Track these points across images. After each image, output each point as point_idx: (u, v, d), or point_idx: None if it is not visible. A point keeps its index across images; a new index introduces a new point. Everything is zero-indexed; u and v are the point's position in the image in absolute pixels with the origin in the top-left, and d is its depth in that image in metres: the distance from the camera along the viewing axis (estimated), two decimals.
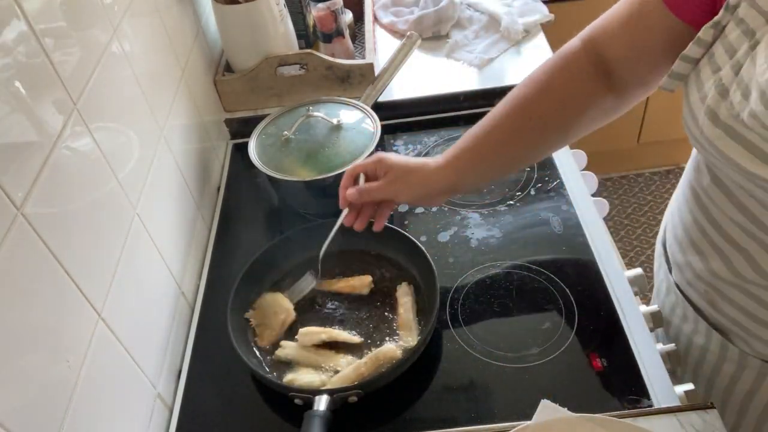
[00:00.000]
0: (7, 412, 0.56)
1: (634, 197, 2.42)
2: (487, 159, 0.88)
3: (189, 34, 1.20)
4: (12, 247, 0.59)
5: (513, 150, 0.88)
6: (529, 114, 0.84)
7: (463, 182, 0.89)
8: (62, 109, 0.71)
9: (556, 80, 0.84)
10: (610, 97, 0.83)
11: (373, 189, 0.89)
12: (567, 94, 0.84)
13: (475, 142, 0.87)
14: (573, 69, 0.83)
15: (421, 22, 1.45)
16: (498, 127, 0.86)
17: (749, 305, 0.76)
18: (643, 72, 0.80)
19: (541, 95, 0.84)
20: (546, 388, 0.82)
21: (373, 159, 0.91)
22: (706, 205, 0.77)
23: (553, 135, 0.88)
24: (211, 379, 0.91)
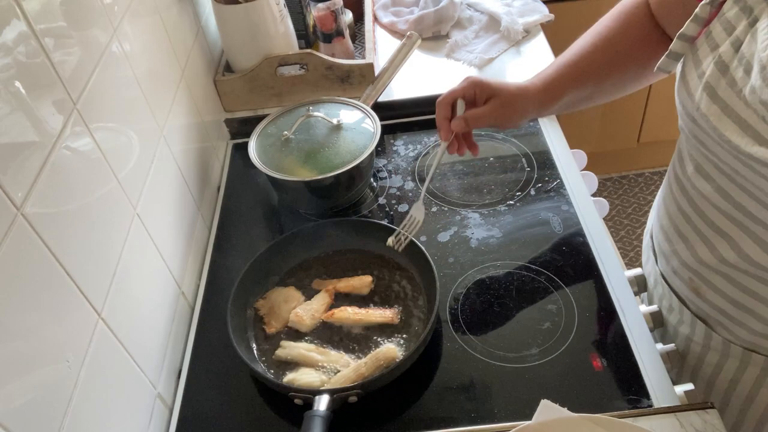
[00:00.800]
0: (7, 412, 0.56)
1: (634, 197, 2.42)
2: (577, 86, 0.90)
3: (189, 34, 1.20)
4: (12, 247, 0.59)
5: (596, 84, 0.90)
6: (613, 50, 0.87)
7: (553, 108, 0.92)
8: (62, 109, 0.71)
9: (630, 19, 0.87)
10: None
11: (481, 115, 0.88)
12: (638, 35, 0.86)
13: (568, 68, 0.89)
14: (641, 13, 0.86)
15: (421, 22, 1.45)
16: (585, 58, 0.88)
17: (733, 292, 0.77)
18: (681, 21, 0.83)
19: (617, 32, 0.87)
20: (546, 388, 0.82)
21: (469, 83, 0.88)
22: (690, 193, 0.78)
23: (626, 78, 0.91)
24: (211, 379, 0.91)
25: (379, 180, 1.17)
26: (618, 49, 0.88)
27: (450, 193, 1.12)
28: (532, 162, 1.15)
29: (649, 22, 0.86)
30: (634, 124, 2.29)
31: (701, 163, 0.74)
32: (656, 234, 0.92)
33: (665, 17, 0.84)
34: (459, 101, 0.89)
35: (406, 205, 1.11)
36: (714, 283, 0.79)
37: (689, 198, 0.79)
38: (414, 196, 1.13)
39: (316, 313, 0.92)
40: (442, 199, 1.11)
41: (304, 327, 0.91)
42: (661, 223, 0.88)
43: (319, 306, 0.93)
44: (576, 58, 0.89)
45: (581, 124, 2.28)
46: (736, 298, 0.78)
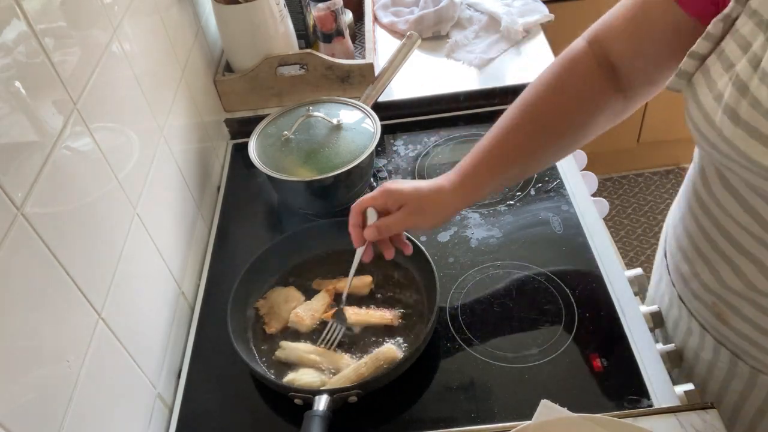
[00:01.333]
0: (7, 412, 0.56)
1: (634, 197, 2.42)
2: (501, 171, 0.85)
3: (189, 34, 1.20)
4: (12, 247, 0.59)
5: (527, 159, 0.85)
6: (540, 121, 0.83)
7: (479, 197, 0.88)
8: (62, 109, 0.71)
9: (565, 84, 0.82)
10: (620, 98, 0.82)
11: (392, 224, 0.86)
12: (577, 98, 0.82)
13: (488, 154, 0.84)
14: (581, 71, 0.81)
15: (421, 22, 1.45)
16: (510, 138, 0.83)
17: (761, 319, 0.73)
18: (649, 69, 0.79)
19: (550, 101, 0.82)
20: (546, 388, 0.82)
21: (379, 192, 0.86)
22: (714, 213, 0.74)
23: (566, 140, 0.85)
24: (211, 379, 0.91)
25: (379, 180, 1.17)
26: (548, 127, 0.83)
27: None
28: None
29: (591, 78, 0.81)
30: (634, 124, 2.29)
31: (732, 182, 0.70)
32: (673, 254, 0.87)
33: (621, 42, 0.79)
34: (369, 210, 0.87)
35: None
36: (739, 309, 0.75)
37: (713, 217, 0.74)
38: None
39: (316, 313, 0.92)
40: None
41: (304, 327, 0.91)
42: (679, 244, 0.84)
43: (319, 306, 0.93)
44: (494, 142, 0.84)
45: None
46: (763, 325, 0.73)
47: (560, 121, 0.83)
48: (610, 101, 0.82)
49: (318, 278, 0.99)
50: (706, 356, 0.85)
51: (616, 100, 0.82)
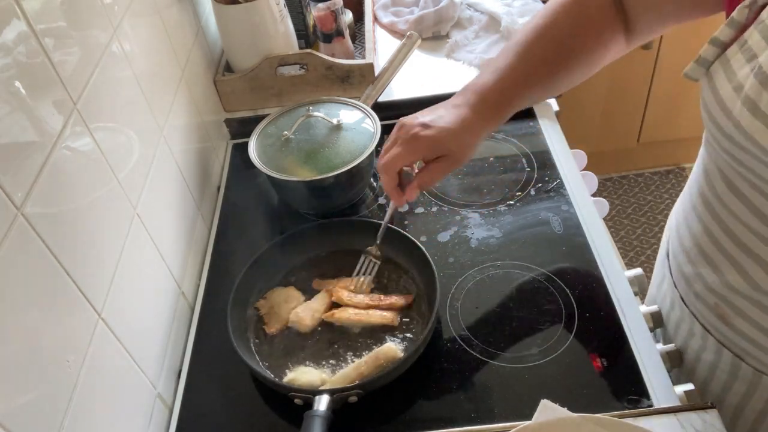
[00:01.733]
0: (7, 412, 0.56)
1: (634, 197, 2.42)
2: (526, 89, 0.84)
3: (189, 34, 1.20)
4: (12, 247, 0.59)
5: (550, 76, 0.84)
6: (560, 39, 0.82)
7: (505, 119, 0.85)
8: (62, 109, 0.71)
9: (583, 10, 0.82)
10: (623, 37, 0.83)
11: (436, 177, 0.84)
12: (592, 24, 0.82)
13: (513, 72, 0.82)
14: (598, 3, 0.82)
15: (421, 22, 1.45)
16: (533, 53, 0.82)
17: (765, 320, 0.73)
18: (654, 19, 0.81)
19: (567, 23, 0.82)
20: (546, 388, 0.82)
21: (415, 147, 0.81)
22: (719, 214, 0.74)
23: (579, 65, 0.85)
24: (211, 379, 0.91)
25: (379, 180, 1.17)
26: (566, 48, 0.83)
27: (450, 193, 1.12)
28: (532, 162, 1.15)
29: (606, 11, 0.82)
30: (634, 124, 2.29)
31: (734, 181, 0.69)
32: (676, 255, 0.87)
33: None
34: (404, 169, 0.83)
35: (406, 204, 1.11)
36: (743, 310, 0.75)
37: (717, 218, 0.74)
38: None
39: (316, 313, 0.92)
40: (442, 199, 1.11)
41: (304, 327, 0.91)
42: (682, 245, 0.84)
43: (319, 306, 0.93)
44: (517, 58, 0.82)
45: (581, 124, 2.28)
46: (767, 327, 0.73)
47: (574, 46, 0.83)
48: (615, 38, 0.83)
49: (318, 278, 0.99)
50: (707, 358, 0.84)
51: (620, 39, 0.84)
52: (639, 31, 0.83)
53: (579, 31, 0.83)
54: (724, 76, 0.63)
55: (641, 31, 0.83)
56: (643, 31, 0.83)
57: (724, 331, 0.80)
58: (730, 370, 0.82)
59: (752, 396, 0.81)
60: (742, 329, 0.77)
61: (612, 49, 0.85)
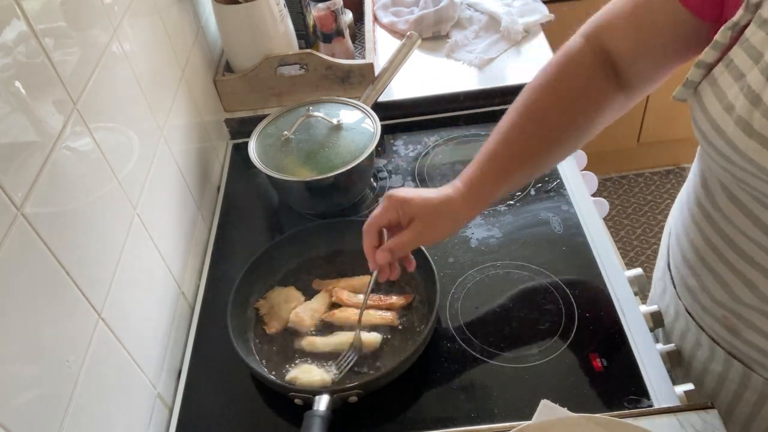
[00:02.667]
0: (7, 412, 0.56)
1: (634, 197, 2.42)
2: (507, 176, 0.83)
3: (189, 34, 1.20)
4: (12, 247, 0.59)
5: (532, 161, 0.83)
6: (543, 122, 0.81)
7: (487, 204, 0.85)
8: (62, 109, 0.71)
9: (565, 84, 0.80)
10: (619, 95, 0.81)
11: (406, 242, 0.82)
12: (579, 98, 0.80)
13: (493, 160, 0.81)
14: (580, 70, 0.80)
15: (421, 22, 1.45)
16: (513, 141, 0.81)
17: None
18: (650, 67, 0.78)
19: (552, 101, 0.80)
20: (546, 388, 0.82)
21: (390, 205, 0.82)
22: (721, 226, 0.73)
23: (570, 139, 0.83)
24: (211, 379, 0.91)
25: (379, 180, 1.17)
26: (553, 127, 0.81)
27: None
28: None
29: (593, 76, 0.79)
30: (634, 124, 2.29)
31: (736, 193, 0.69)
32: (678, 267, 0.85)
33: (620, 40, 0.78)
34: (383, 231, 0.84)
35: None
36: (753, 322, 0.74)
37: (719, 231, 0.73)
38: None
39: (316, 313, 0.92)
40: None
41: (304, 327, 0.91)
42: (684, 257, 0.82)
43: (319, 306, 0.93)
44: (498, 146, 0.81)
45: None
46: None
47: (563, 121, 0.81)
48: (611, 98, 0.81)
49: (318, 278, 0.99)
50: (716, 368, 0.83)
51: (617, 97, 0.81)
52: (636, 84, 0.80)
53: (562, 106, 0.81)
54: (713, 96, 0.63)
55: (638, 82, 0.80)
56: (640, 82, 0.80)
57: (733, 342, 0.79)
58: (740, 380, 0.81)
59: (763, 406, 0.81)
60: (753, 340, 0.76)
61: (609, 109, 0.82)
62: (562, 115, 0.81)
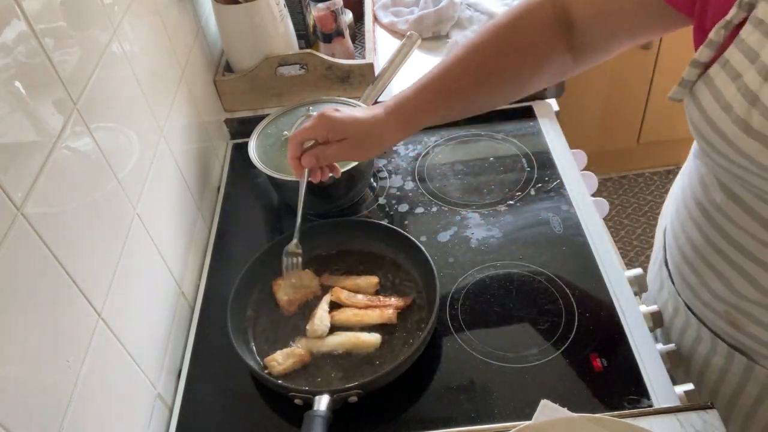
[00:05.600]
0: (7, 412, 0.56)
1: (634, 197, 2.42)
2: (442, 105, 0.85)
3: (189, 34, 1.20)
4: (12, 247, 0.59)
5: (468, 96, 0.85)
6: (485, 62, 0.82)
7: (418, 128, 0.87)
8: (62, 109, 0.71)
9: (516, 30, 0.82)
10: (568, 57, 0.82)
11: (332, 154, 0.86)
12: (525, 46, 0.82)
13: (430, 86, 0.83)
14: (534, 19, 0.81)
15: (421, 22, 1.45)
16: (453, 72, 0.83)
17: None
18: (605, 36, 0.79)
19: (497, 44, 0.82)
20: (546, 388, 0.82)
21: (319, 123, 0.85)
22: (720, 223, 0.73)
23: (508, 84, 0.85)
24: (211, 379, 0.91)
25: (379, 180, 1.17)
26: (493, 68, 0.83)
27: (450, 193, 1.12)
28: (532, 162, 1.15)
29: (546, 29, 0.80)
30: (634, 124, 2.29)
31: (735, 190, 0.69)
32: (677, 264, 0.86)
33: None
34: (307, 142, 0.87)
35: (406, 205, 1.11)
36: (756, 316, 0.74)
37: (718, 227, 0.73)
38: (414, 195, 1.13)
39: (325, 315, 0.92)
40: (442, 199, 1.11)
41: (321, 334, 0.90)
42: (683, 253, 0.83)
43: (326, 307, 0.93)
44: (438, 74, 0.83)
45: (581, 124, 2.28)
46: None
47: (502, 63, 0.83)
48: (557, 56, 0.82)
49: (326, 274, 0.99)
50: (718, 362, 0.83)
51: (564, 57, 0.82)
52: (586, 49, 0.81)
53: (508, 51, 0.82)
54: (709, 96, 0.64)
55: (588, 49, 0.81)
56: (591, 49, 0.81)
57: (736, 336, 0.79)
58: (743, 373, 0.81)
59: (765, 399, 0.81)
60: (756, 334, 0.76)
61: (552, 66, 0.83)
62: (502, 57, 0.82)
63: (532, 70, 0.83)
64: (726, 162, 0.65)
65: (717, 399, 0.86)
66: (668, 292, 0.91)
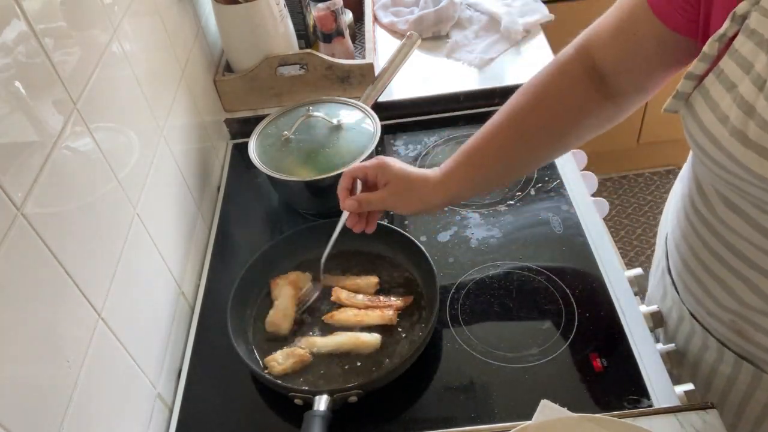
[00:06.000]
0: (7, 412, 0.56)
1: (634, 197, 2.42)
2: (483, 172, 0.87)
3: (189, 34, 1.20)
4: (12, 247, 0.59)
5: (508, 162, 0.87)
6: (522, 126, 0.84)
7: (461, 195, 0.89)
8: (62, 109, 0.71)
9: (550, 90, 0.83)
10: (608, 105, 0.82)
11: (373, 200, 0.88)
12: (560, 107, 0.83)
13: (472, 154, 0.86)
14: (566, 79, 0.82)
15: (421, 22, 1.45)
16: (493, 140, 0.85)
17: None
18: (637, 79, 0.79)
19: (534, 107, 0.83)
20: (546, 388, 0.82)
21: (374, 164, 0.88)
22: (721, 233, 0.73)
23: (548, 146, 0.87)
24: (211, 379, 0.91)
25: None
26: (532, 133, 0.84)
27: None
28: None
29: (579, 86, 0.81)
30: (634, 124, 2.29)
31: (734, 200, 0.69)
32: (680, 273, 0.85)
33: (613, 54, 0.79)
34: (357, 181, 0.89)
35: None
36: (762, 326, 0.74)
37: (720, 237, 0.73)
38: None
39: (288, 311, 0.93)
40: None
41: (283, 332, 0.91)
42: (685, 263, 0.82)
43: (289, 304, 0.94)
44: (478, 142, 0.86)
45: None
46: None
47: (540, 123, 0.84)
48: (597, 108, 0.83)
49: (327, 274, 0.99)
50: (725, 370, 0.83)
51: (605, 107, 0.83)
52: (624, 93, 0.82)
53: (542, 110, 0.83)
54: (705, 107, 0.64)
55: (626, 92, 0.82)
56: (628, 92, 0.82)
57: (743, 345, 0.78)
58: (751, 381, 0.80)
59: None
60: (763, 343, 0.75)
61: (595, 117, 0.84)
62: (540, 118, 0.83)
63: (570, 128, 0.84)
64: (724, 172, 0.65)
65: (725, 405, 0.85)
66: (672, 299, 0.90)
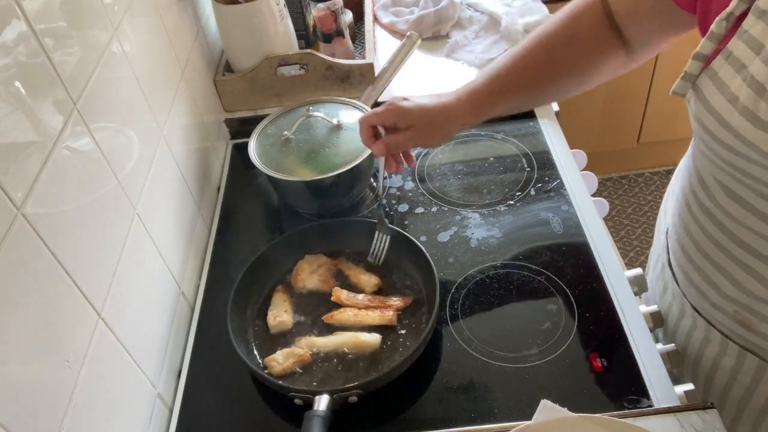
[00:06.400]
0: (7, 412, 0.56)
1: (634, 197, 2.42)
2: (511, 95, 0.89)
3: (189, 34, 1.20)
4: (12, 247, 0.59)
5: (537, 86, 0.90)
6: (552, 53, 0.86)
7: (486, 116, 0.90)
8: (62, 109, 0.71)
9: (576, 26, 0.85)
10: (621, 51, 0.85)
11: (401, 142, 0.90)
12: (585, 41, 0.85)
13: (501, 77, 0.87)
14: (590, 18, 0.84)
15: (421, 22, 1.45)
16: (523, 64, 0.87)
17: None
18: (642, 33, 0.82)
19: (562, 37, 0.86)
20: (546, 388, 0.82)
21: (388, 110, 0.89)
22: (724, 223, 0.73)
23: (571, 77, 0.89)
24: (211, 379, 0.91)
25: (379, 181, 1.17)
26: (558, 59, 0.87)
27: (450, 193, 1.12)
28: (532, 162, 1.15)
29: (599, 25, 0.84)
30: (634, 124, 2.29)
31: (736, 190, 0.69)
32: (682, 265, 0.85)
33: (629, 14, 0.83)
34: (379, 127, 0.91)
35: (406, 205, 1.11)
36: (766, 315, 0.74)
37: (723, 227, 0.73)
38: (414, 195, 1.13)
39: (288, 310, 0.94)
40: (442, 199, 1.11)
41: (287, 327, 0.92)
42: (687, 255, 0.82)
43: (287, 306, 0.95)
44: (508, 66, 0.87)
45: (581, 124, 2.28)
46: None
47: (568, 56, 0.86)
48: (613, 51, 0.85)
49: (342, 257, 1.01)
50: (728, 363, 0.83)
51: (618, 52, 0.85)
52: (633, 45, 0.85)
53: (570, 43, 0.86)
54: (714, 88, 0.64)
55: (635, 44, 0.85)
56: (636, 44, 0.85)
57: (747, 336, 0.78)
58: (755, 373, 0.80)
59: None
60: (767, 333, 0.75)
61: (608, 62, 0.86)
62: (569, 51, 0.86)
63: (591, 63, 0.87)
64: (730, 154, 0.64)
65: (727, 400, 0.85)
66: (673, 294, 0.90)
